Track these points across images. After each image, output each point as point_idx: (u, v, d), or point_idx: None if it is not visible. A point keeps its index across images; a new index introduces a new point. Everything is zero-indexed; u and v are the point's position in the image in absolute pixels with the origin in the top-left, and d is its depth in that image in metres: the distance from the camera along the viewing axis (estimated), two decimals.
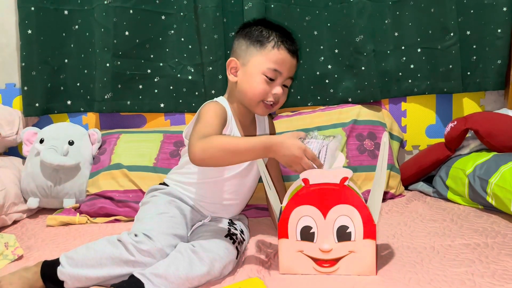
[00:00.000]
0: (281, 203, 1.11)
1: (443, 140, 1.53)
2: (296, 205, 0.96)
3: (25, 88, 1.56)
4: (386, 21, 1.61)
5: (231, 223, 1.14)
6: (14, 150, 1.66)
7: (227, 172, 1.14)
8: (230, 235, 1.05)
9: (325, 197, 0.94)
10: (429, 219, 1.26)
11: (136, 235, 0.94)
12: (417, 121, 1.68)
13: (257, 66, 1.10)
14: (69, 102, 1.64)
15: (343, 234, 0.94)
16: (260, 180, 1.30)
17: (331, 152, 0.95)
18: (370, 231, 0.93)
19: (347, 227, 0.94)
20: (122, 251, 0.91)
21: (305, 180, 0.97)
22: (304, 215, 0.95)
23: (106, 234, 1.28)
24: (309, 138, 0.96)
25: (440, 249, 1.03)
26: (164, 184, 1.20)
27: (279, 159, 0.94)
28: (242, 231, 1.12)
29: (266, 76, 1.10)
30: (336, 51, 1.62)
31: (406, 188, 1.58)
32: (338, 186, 0.95)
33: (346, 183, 0.96)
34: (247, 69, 1.12)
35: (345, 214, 0.94)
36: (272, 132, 1.31)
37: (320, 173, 0.95)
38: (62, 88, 1.63)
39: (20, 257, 1.11)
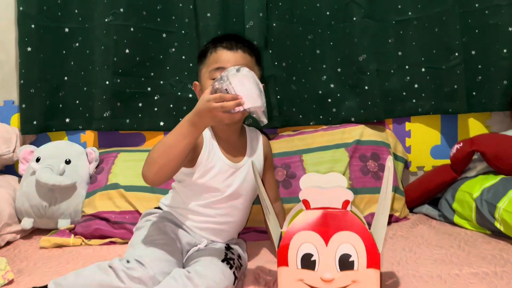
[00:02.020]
0: (280, 227, 1.08)
1: (448, 161, 1.49)
2: (297, 230, 0.92)
3: (23, 105, 1.54)
4: (389, 41, 1.59)
5: (228, 247, 1.10)
6: (11, 169, 1.62)
7: (213, 196, 1.11)
8: (227, 260, 1.01)
9: (327, 222, 0.91)
10: (435, 245, 1.21)
11: (128, 261, 0.91)
12: (422, 141, 1.65)
13: (204, 75, 1.14)
14: (67, 120, 1.62)
15: (345, 263, 0.89)
16: (258, 202, 1.27)
17: (239, 82, 0.90)
18: (374, 260, 0.89)
19: (350, 256, 0.89)
20: (113, 278, 0.87)
21: (305, 202, 0.93)
22: (305, 242, 0.91)
23: (101, 257, 1.25)
24: (216, 83, 0.92)
25: (447, 279, 0.99)
26: (158, 208, 1.17)
27: (210, 124, 0.94)
28: (239, 256, 1.08)
29: (214, 79, 1.08)
30: (339, 70, 1.60)
31: (410, 211, 1.54)
32: (340, 211, 0.91)
33: (348, 208, 0.92)
34: (201, 83, 1.16)
35: (347, 242, 0.90)
36: (268, 152, 1.27)
37: (320, 195, 0.92)
38: (61, 105, 1.60)
39: (11, 282, 1.07)
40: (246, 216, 1.21)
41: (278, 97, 1.56)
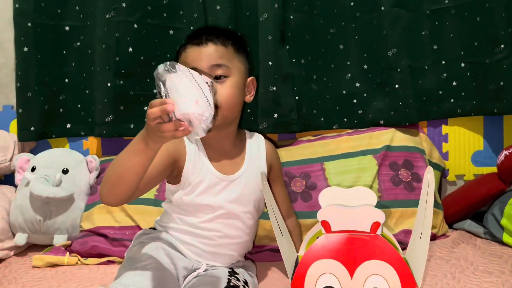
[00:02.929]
0: (296, 249, 0.92)
1: (493, 169, 1.30)
2: (315, 258, 0.76)
3: (20, 110, 1.43)
4: (423, 33, 1.40)
5: (232, 272, 0.95)
6: (11, 179, 1.51)
7: (205, 214, 0.97)
8: None
9: (353, 249, 0.74)
10: (482, 270, 1.02)
11: None
12: (461, 146, 1.45)
13: None
14: (68, 126, 1.50)
15: None
16: (266, 217, 1.12)
17: (171, 83, 0.71)
18: None
19: None
20: None
21: (325, 224, 0.77)
22: (325, 272, 0.75)
23: (96, 279, 1.12)
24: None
25: None
26: (154, 228, 1.04)
27: (156, 140, 0.75)
28: (246, 282, 0.93)
29: None
30: (365, 67, 1.43)
31: (450, 227, 1.34)
32: (368, 235, 0.74)
33: (378, 232, 0.75)
34: None
35: (378, 273, 0.73)
36: (273, 161, 1.12)
37: (343, 215, 0.76)
38: (61, 110, 1.49)
39: None
40: (251, 236, 1.06)
41: (297, 98, 1.40)
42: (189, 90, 0.71)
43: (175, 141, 0.94)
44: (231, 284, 0.88)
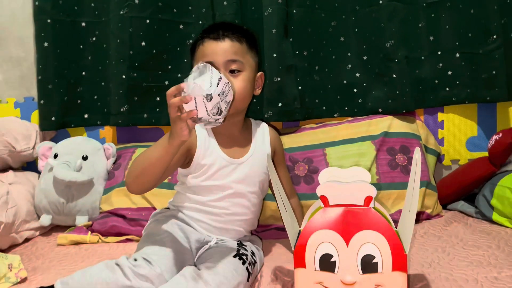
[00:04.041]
0: (299, 224, 1.01)
1: (486, 153, 1.37)
2: (315, 229, 0.85)
3: (41, 102, 1.53)
4: (419, 25, 1.48)
5: (240, 244, 1.06)
6: (33, 165, 1.62)
7: (215, 194, 1.06)
8: (239, 255, 0.97)
9: (348, 221, 0.83)
10: (471, 245, 1.11)
11: (135, 259, 0.88)
12: (456, 133, 1.53)
13: None
14: (86, 116, 1.60)
15: (368, 265, 0.81)
16: (272, 198, 1.20)
17: (195, 75, 0.83)
18: (400, 262, 0.80)
19: (373, 257, 0.81)
20: (119, 275, 0.85)
21: (324, 199, 0.86)
22: (324, 241, 0.84)
23: (116, 254, 1.22)
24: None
25: (484, 282, 0.89)
26: (167, 208, 1.14)
27: (177, 135, 0.82)
28: (253, 253, 1.03)
29: None
30: (365, 58, 1.50)
31: (444, 208, 1.43)
32: (362, 208, 0.83)
33: (371, 205, 0.84)
34: None
35: (370, 242, 0.82)
36: (277, 146, 1.20)
37: (340, 190, 0.84)
38: (79, 101, 1.59)
39: (24, 280, 1.05)
40: (256, 214, 1.15)
41: (300, 88, 1.49)
42: (204, 77, 0.82)
43: None
44: (240, 252, 0.98)
